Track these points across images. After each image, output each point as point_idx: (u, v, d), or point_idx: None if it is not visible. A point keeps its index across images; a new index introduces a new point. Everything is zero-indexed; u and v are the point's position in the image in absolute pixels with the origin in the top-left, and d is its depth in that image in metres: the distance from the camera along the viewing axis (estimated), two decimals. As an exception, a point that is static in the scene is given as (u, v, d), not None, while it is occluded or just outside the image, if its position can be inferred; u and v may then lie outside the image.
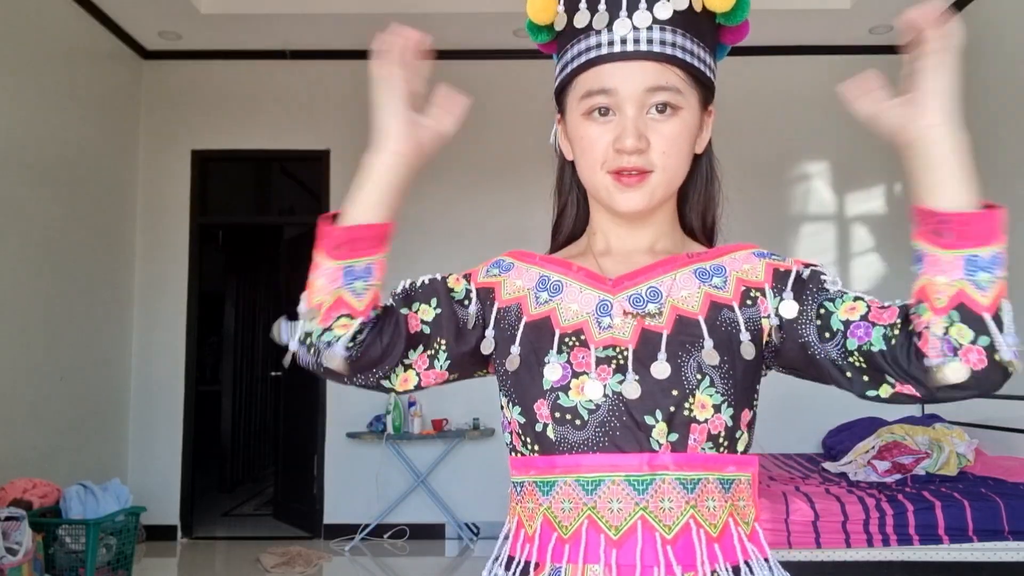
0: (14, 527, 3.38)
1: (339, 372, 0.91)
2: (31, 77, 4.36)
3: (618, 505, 0.87)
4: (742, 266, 0.95)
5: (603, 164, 0.93)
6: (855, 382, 0.87)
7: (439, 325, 0.96)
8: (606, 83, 0.92)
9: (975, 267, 0.77)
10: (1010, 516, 3.23)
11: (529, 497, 0.93)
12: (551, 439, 0.90)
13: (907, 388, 0.83)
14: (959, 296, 0.78)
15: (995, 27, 4.56)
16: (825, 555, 3.25)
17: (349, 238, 0.91)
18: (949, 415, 4.73)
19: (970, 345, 0.77)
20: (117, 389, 5.30)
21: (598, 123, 0.93)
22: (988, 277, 0.77)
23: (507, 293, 0.98)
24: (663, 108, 0.92)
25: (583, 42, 0.94)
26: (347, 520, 5.34)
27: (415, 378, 0.96)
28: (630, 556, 0.86)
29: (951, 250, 0.78)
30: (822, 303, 0.90)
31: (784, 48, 5.53)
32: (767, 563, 0.91)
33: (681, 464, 0.87)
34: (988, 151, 4.63)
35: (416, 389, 0.97)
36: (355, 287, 0.91)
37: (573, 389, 0.89)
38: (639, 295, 0.93)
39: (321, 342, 0.90)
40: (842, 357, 0.87)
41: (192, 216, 5.59)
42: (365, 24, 5.19)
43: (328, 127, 5.60)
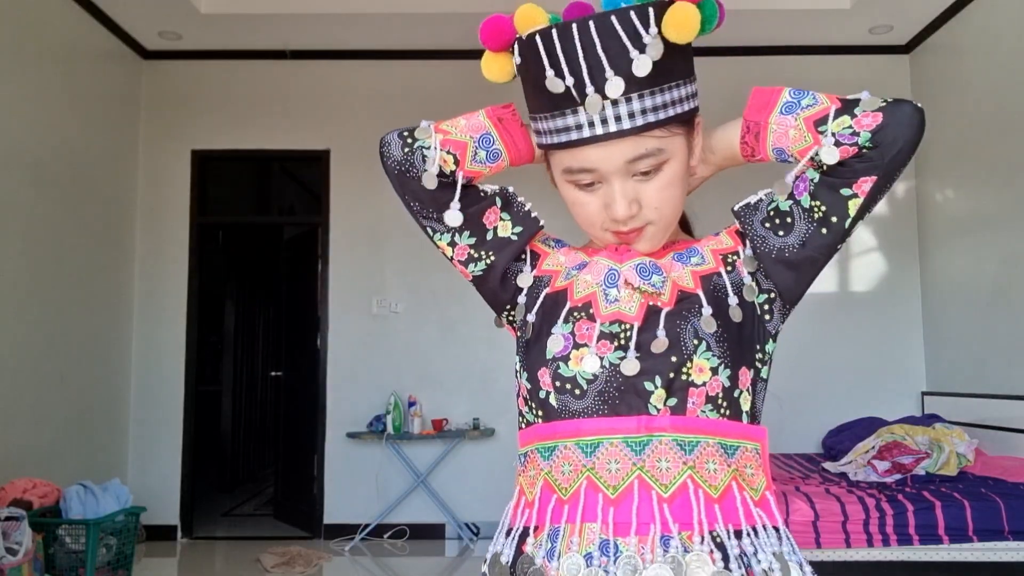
0: (14, 527, 3.38)
1: (410, 177, 0.98)
2: (31, 77, 4.36)
3: (616, 465, 0.89)
4: (710, 242, 1.02)
5: (600, 224, 0.97)
6: (833, 228, 0.92)
7: (501, 246, 1.01)
8: (586, 163, 0.93)
9: (791, 107, 0.92)
10: (1010, 516, 3.23)
11: (531, 465, 0.96)
12: (554, 406, 0.94)
13: (864, 181, 0.90)
14: (807, 123, 0.91)
15: (995, 27, 4.56)
16: (825, 555, 3.25)
17: (512, 123, 1.00)
18: (949, 415, 4.73)
19: (855, 118, 0.89)
20: (117, 389, 5.30)
21: (585, 192, 0.96)
22: (808, 99, 0.92)
23: (548, 264, 1.03)
24: (647, 171, 0.93)
25: (559, 120, 0.92)
26: (347, 520, 5.34)
27: (450, 254, 1.02)
28: (626, 514, 0.88)
29: (771, 116, 0.93)
30: (768, 210, 0.96)
31: (784, 48, 5.53)
32: (777, 531, 0.91)
33: (678, 427, 0.90)
34: (988, 151, 4.63)
35: (446, 257, 1.04)
36: (478, 155, 0.99)
37: (572, 359, 0.93)
38: (644, 264, 0.96)
39: (422, 149, 0.98)
40: (807, 229, 0.93)
41: (192, 216, 5.59)
42: (365, 24, 5.20)
43: (328, 127, 5.60)
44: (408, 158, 0.98)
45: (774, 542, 0.90)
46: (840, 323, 5.34)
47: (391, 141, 1.00)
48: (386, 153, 1.00)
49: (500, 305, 1.05)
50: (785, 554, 0.90)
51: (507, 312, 1.05)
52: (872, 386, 5.35)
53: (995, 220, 4.55)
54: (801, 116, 0.91)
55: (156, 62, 5.59)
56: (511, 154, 1.01)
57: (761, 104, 0.93)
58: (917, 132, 0.88)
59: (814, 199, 0.92)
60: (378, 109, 5.59)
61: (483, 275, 1.02)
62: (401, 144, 0.99)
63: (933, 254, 5.28)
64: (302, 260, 5.99)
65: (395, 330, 5.47)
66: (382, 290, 5.50)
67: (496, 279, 1.02)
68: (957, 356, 5.01)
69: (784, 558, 0.89)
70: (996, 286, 4.55)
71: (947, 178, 5.09)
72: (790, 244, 0.93)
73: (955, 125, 4.99)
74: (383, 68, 5.63)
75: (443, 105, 5.54)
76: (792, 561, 0.90)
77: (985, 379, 4.64)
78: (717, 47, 5.42)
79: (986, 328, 4.65)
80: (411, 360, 5.45)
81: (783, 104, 0.92)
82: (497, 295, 1.03)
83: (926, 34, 5.25)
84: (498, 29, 0.94)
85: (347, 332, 5.51)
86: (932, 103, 5.28)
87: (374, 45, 5.51)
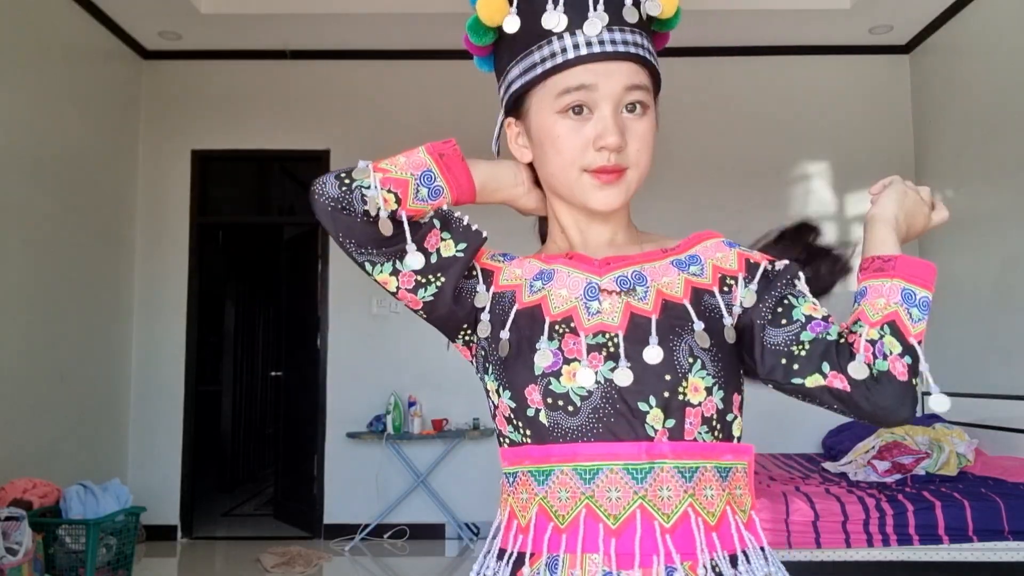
0: (14, 527, 3.38)
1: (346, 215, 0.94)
2: (31, 77, 4.36)
3: (616, 494, 0.87)
4: (715, 254, 0.98)
5: (579, 162, 0.94)
6: (786, 368, 0.89)
7: (447, 268, 0.97)
8: (585, 79, 0.92)
9: (912, 300, 0.88)
10: (1010, 516, 3.23)
11: (523, 487, 0.93)
12: (544, 425, 0.90)
13: (838, 379, 0.87)
14: (892, 315, 0.87)
15: (995, 27, 4.56)
16: (825, 555, 3.25)
17: (453, 159, 0.98)
18: (949, 415, 4.73)
19: (897, 356, 0.86)
20: (117, 389, 5.30)
21: (572, 120, 0.94)
22: (919, 314, 0.87)
23: (504, 280, 1.00)
24: (633, 107, 0.94)
25: (554, 44, 0.93)
26: (347, 520, 5.34)
27: (394, 285, 0.98)
28: (629, 545, 0.86)
29: (893, 279, 0.89)
30: (787, 296, 0.93)
31: (784, 48, 5.53)
32: (763, 552, 0.92)
33: (679, 453, 0.88)
34: (988, 151, 4.63)
35: (388, 292, 1.00)
36: (419, 192, 0.95)
37: (564, 375, 0.90)
38: (625, 277, 0.95)
39: (361, 188, 0.94)
40: (786, 344, 0.90)
41: (192, 216, 5.59)
42: (365, 24, 5.20)
43: (328, 127, 5.59)
44: (345, 196, 0.94)
45: (763, 564, 0.91)
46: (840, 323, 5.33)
47: (326, 181, 0.96)
48: (319, 191, 0.96)
49: (455, 327, 1.01)
50: (772, 574, 0.92)
51: (463, 333, 1.02)
52: (872, 386, 5.34)
53: (995, 220, 4.55)
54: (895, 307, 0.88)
55: (156, 62, 5.59)
56: (453, 192, 0.98)
57: (910, 271, 0.90)
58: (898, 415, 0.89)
59: (811, 343, 0.90)
60: (378, 109, 5.60)
61: (434, 299, 0.98)
62: (338, 184, 0.95)
63: (933, 254, 5.28)
64: (302, 260, 5.99)
65: (395, 330, 5.47)
66: (382, 290, 5.48)
67: (448, 301, 0.98)
68: (957, 356, 5.01)
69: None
70: (996, 286, 4.55)
71: (947, 178, 5.09)
72: (769, 333, 0.91)
73: (955, 125, 4.99)
74: (383, 68, 5.62)
75: (443, 105, 5.58)
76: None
77: (985, 379, 4.64)
78: (717, 47, 5.43)
79: (986, 328, 4.65)
80: (411, 360, 5.45)
81: (907, 289, 0.89)
82: (451, 317, 1.00)
83: (926, 34, 5.25)
84: None
85: (347, 332, 5.51)
86: (932, 103, 5.28)
87: (374, 45, 5.51)
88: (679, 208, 5.16)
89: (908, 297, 0.88)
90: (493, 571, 0.93)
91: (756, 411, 5.77)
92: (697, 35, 5.25)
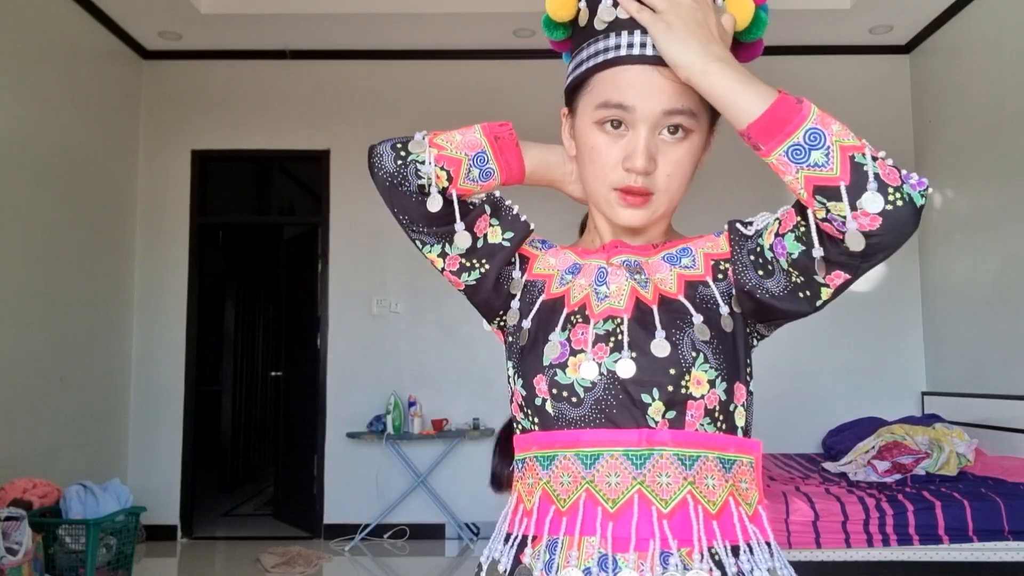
0: (14, 527, 3.38)
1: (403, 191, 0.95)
2: (31, 77, 4.36)
3: (616, 479, 0.88)
4: (705, 244, 0.99)
5: (609, 178, 0.94)
6: (804, 301, 0.87)
7: (492, 253, 0.99)
8: (625, 98, 0.91)
9: (802, 153, 0.79)
10: (1010, 516, 3.23)
11: (529, 472, 0.95)
12: (550, 413, 0.93)
13: (836, 276, 0.84)
14: (809, 183, 0.79)
15: (995, 27, 4.56)
16: (825, 555, 3.25)
17: (508, 143, 0.99)
18: (949, 415, 4.73)
19: (854, 212, 0.77)
20: (117, 389, 5.30)
21: (609, 135, 0.93)
22: (820, 153, 0.78)
23: (538, 268, 1.02)
24: (675, 130, 0.92)
25: (602, 42, 0.92)
26: (347, 520, 5.34)
27: (440, 264, 1.00)
28: (626, 529, 0.86)
29: (772, 154, 0.81)
30: (753, 245, 0.91)
31: (784, 48, 5.53)
32: (768, 546, 0.91)
33: (679, 441, 0.89)
34: (988, 151, 4.63)
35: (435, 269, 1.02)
36: (471, 173, 0.97)
37: (570, 367, 0.92)
38: (628, 262, 0.98)
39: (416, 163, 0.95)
40: (785, 285, 0.87)
41: (192, 216, 5.59)
42: (365, 24, 5.20)
43: (328, 127, 5.59)
44: (401, 171, 0.95)
45: (767, 558, 0.90)
46: (840, 323, 5.33)
47: (383, 152, 0.97)
48: (377, 164, 0.97)
49: (493, 312, 1.03)
50: (777, 569, 0.90)
51: (499, 318, 1.03)
52: (872, 386, 5.35)
53: (995, 220, 4.55)
54: (803, 172, 0.79)
55: (156, 62, 5.59)
56: (503, 174, 0.99)
57: (770, 128, 0.81)
58: (908, 237, 0.80)
59: (792, 267, 0.86)
60: (378, 109, 5.60)
61: (476, 284, 1.00)
62: (394, 156, 0.96)
63: (933, 254, 5.28)
64: (302, 260, 5.99)
65: (395, 330, 5.47)
66: (382, 290, 5.50)
67: (489, 287, 1.00)
68: (957, 356, 5.01)
69: (777, 574, 0.90)
70: (996, 286, 4.55)
71: (947, 178, 5.09)
72: (768, 288, 0.89)
73: (955, 125, 4.99)
74: (383, 68, 5.63)
75: (443, 105, 5.57)
76: None
77: (985, 379, 4.64)
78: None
79: (986, 328, 4.65)
80: (411, 360, 5.45)
81: (790, 146, 0.80)
82: (490, 303, 1.02)
83: (926, 34, 5.25)
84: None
85: (347, 332, 5.51)
86: (932, 103, 5.28)
87: (374, 45, 5.51)
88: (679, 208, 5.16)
89: (797, 154, 0.79)
90: (499, 553, 0.95)
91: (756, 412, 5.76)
92: (697, 35, 5.24)
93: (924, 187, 0.78)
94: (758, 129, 0.81)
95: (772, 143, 0.81)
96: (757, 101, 0.82)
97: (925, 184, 0.79)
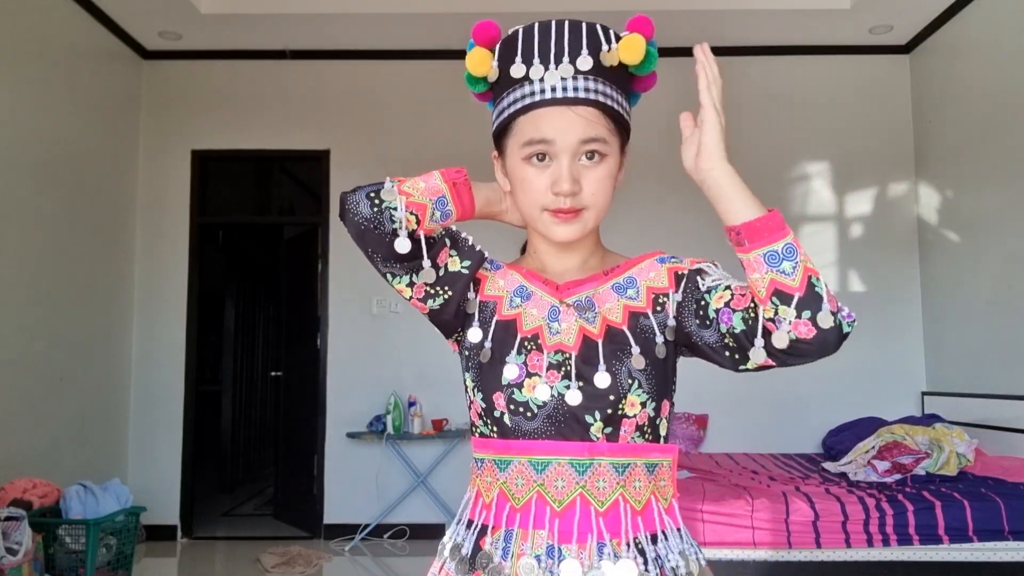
0: (14, 527, 3.38)
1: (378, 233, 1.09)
2: (31, 77, 4.36)
3: (562, 483, 1.06)
4: (648, 275, 1.14)
5: (540, 202, 1.10)
6: (728, 360, 1.05)
7: (454, 280, 1.14)
8: (546, 134, 1.07)
9: (776, 260, 0.97)
10: (1010, 516, 3.23)
11: (488, 472, 1.11)
12: (508, 425, 1.09)
13: (765, 361, 1.02)
14: (772, 285, 0.97)
15: (995, 27, 4.56)
16: (825, 555, 3.25)
17: (464, 187, 1.14)
18: (949, 415, 4.73)
19: (796, 320, 0.96)
20: (117, 389, 5.30)
21: (536, 167, 1.09)
22: (790, 265, 0.96)
23: (489, 290, 1.17)
24: (592, 155, 1.09)
25: (518, 90, 1.09)
26: (347, 520, 5.34)
27: (408, 294, 1.15)
28: (569, 524, 1.05)
29: (751, 252, 0.98)
30: (701, 297, 1.08)
31: (784, 48, 5.53)
32: (679, 532, 1.10)
33: (615, 451, 1.07)
34: (988, 151, 4.63)
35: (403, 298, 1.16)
36: (434, 215, 1.12)
37: (526, 387, 1.08)
38: (580, 301, 1.13)
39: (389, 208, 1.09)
40: (718, 341, 1.05)
41: (192, 216, 5.59)
42: (365, 24, 5.20)
43: (328, 127, 5.60)
44: (376, 216, 1.08)
45: (679, 542, 1.09)
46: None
47: (359, 200, 1.09)
48: (352, 210, 1.09)
49: (452, 330, 1.18)
50: (686, 551, 1.09)
51: (456, 333, 1.19)
52: (872, 386, 5.34)
53: (995, 220, 4.55)
54: (771, 275, 0.97)
55: (156, 62, 5.59)
56: (458, 212, 1.15)
57: (761, 232, 0.98)
58: (829, 354, 0.99)
59: (730, 336, 1.03)
60: (378, 109, 5.60)
61: (440, 308, 1.15)
62: (369, 204, 1.09)
63: (933, 254, 5.28)
64: (302, 260, 5.99)
65: (395, 330, 5.47)
66: (382, 290, 5.49)
67: (452, 310, 1.15)
68: (957, 356, 5.01)
69: (686, 555, 1.09)
70: (996, 286, 4.55)
71: (947, 178, 5.09)
72: (703, 336, 1.07)
73: (955, 125, 4.99)
74: (383, 68, 5.63)
75: (443, 105, 5.58)
76: (691, 556, 1.09)
77: (985, 379, 4.64)
78: (717, 47, 5.41)
79: (986, 328, 4.65)
80: (411, 360, 5.45)
81: (769, 251, 0.97)
82: (451, 323, 1.17)
83: (926, 34, 5.25)
84: (487, 28, 1.16)
85: (347, 332, 5.51)
86: (932, 103, 5.28)
87: (374, 45, 5.51)
88: (679, 207, 5.16)
89: (772, 259, 0.97)
90: (462, 538, 1.12)
91: (757, 412, 5.77)
92: (697, 35, 5.24)
93: (852, 320, 0.98)
94: (750, 229, 0.98)
95: (757, 243, 0.98)
96: (755, 209, 0.99)
97: (853, 317, 0.98)
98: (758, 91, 5.54)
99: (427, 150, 5.50)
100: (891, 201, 5.49)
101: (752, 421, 5.23)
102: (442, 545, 1.17)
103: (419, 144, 5.52)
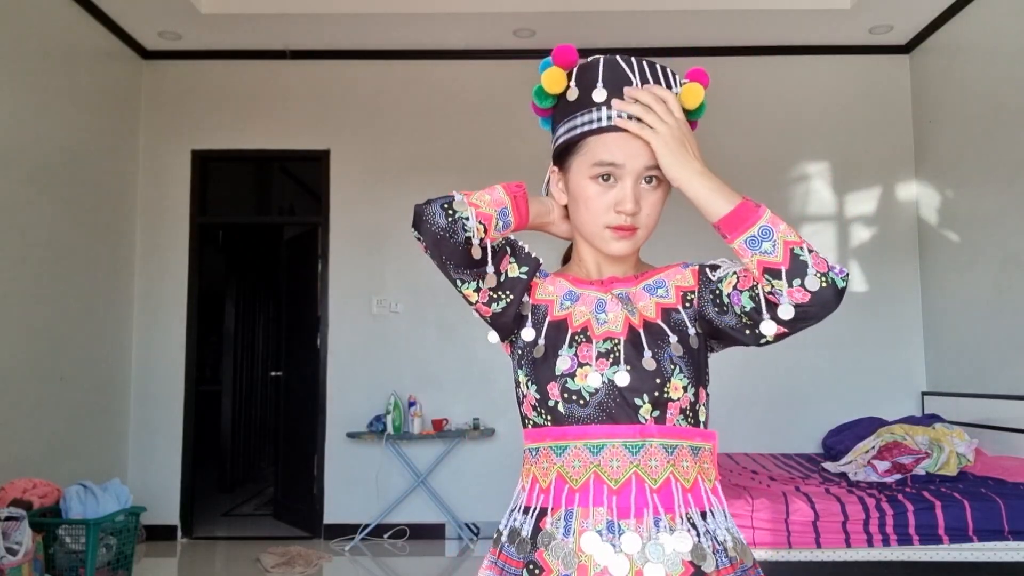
0: (14, 527, 3.38)
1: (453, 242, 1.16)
2: (31, 77, 4.36)
3: (617, 463, 1.15)
4: (675, 276, 1.26)
5: (603, 219, 1.21)
6: (750, 338, 1.16)
7: (514, 286, 1.24)
8: (616, 157, 1.18)
9: (755, 243, 1.09)
10: (1010, 516, 3.23)
11: (544, 458, 1.19)
12: (562, 413, 1.18)
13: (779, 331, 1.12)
14: (760, 265, 1.09)
15: (995, 27, 4.56)
16: (825, 555, 3.25)
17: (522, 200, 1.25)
18: (949, 415, 4.73)
19: (790, 289, 1.07)
20: (117, 389, 5.30)
21: (601, 187, 1.20)
22: (770, 244, 1.08)
23: (540, 295, 1.28)
24: (651, 180, 1.21)
25: (594, 112, 1.20)
26: (347, 520, 5.34)
27: (474, 299, 1.24)
28: (626, 501, 1.13)
29: (735, 241, 1.11)
30: (714, 287, 1.20)
31: (784, 48, 5.53)
32: (724, 512, 1.20)
33: (664, 434, 1.16)
34: (988, 151, 4.63)
35: (468, 302, 1.25)
36: (498, 224, 1.22)
37: (578, 376, 1.17)
38: (622, 294, 1.25)
39: (461, 218, 1.17)
40: (737, 322, 1.16)
41: (192, 216, 5.59)
42: (365, 24, 5.20)
43: (328, 127, 5.60)
44: (451, 226, 1.16)
45: (724, 520, 1.18)
46: (840, 323, 5.32)
47: (435, 211, 1.17)
48: (429, 220, 1.17)
49: (508, 331, 1.27)
50: (731, 529, 1.19)
51: (512, 335, 1.28)
52: (872, 386, 5.35)
53: (995, 220, 4.55)
54: (756, 257, 1.09)
55: (156, 62, 5.60)
56: (516, 223, 1.25)
57: (734, 223, 1.11)
58: (832, 311, 1.10)
59: (743, 315, 1.14)
60: (378, 109, 5.60)
61: (502, 311, 1.24)
62: (444, 214, 1.16)
63: (933, 254, 5.28)
64: (302, 260, 5.99)
65: (395, 330, 5.47)
66: (382, 290, 5.50)
67: (512, 313, 1.25)
68: (957, 356, 5.01)
69: (732, 532, 1.18)
70: (996, 286, 4.55)
71: (947, 178, 5.09)
72: (725, 320, 1.17)
73: (955, 125, 4.99)
74: (383, 68, 5.63)
75: (443, 105, 5.57)
76: (735, 534, 1.19)
77: (985, 379, 4.64)
78: (718, 47, 5.43)
79: (986, 328, 4.65)
80: (411, 360, 5.45)
81: (747, 237, 1.10)
82: (508, 325, 1.26)
83: (926, 34, 5.25)
84: (567, 52, 1.25)
85: (347, 332, 5.51)
86: (932, 103, 5.28)
87: (374, 45, 5.51)
88: (680, 208, 5.16)
89: (752, 243, 1.09)
90: (520, 523, 1.19)
91: (757, 412, 5.77)
92: (697, 35, 5.25)
93: (844, 274, 1.08)
94: (725, 223, 1.11)
95: (735, 234, 1.10)
96: (725, 204, 1.11)
97: (846, 272, 1.08)
98: (758, 91, 5.54)
99: (427, 150, 5.50)
100: (891, 201, 5.49)
101: (752, 421, 5.23)
102: (497, 533, 1.24)
103: (419, 144, 5.52)
